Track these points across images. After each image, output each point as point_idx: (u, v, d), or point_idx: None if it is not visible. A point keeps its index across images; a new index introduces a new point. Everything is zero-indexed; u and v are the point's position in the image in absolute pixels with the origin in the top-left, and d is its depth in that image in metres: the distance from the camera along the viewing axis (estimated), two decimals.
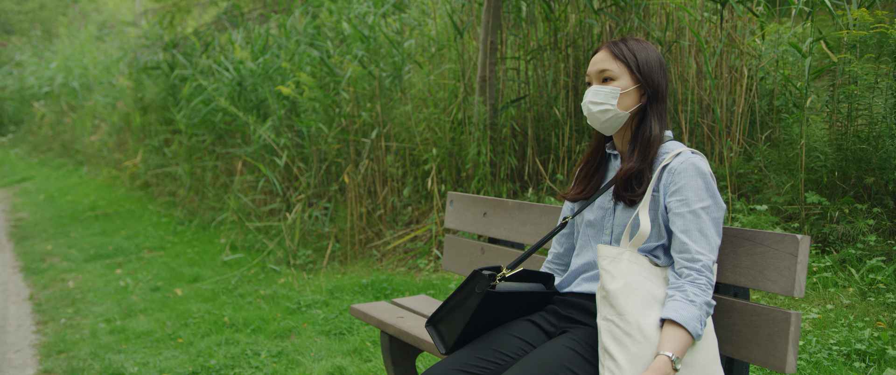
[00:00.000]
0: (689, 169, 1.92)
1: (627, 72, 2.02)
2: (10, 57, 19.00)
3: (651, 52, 2.05)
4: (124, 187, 10.14)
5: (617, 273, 1.87)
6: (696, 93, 4.64)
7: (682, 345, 1.76)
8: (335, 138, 5.98)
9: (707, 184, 1.90)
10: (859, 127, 4.02)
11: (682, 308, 1.79)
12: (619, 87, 2.00)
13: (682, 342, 1.76)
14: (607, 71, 2.02)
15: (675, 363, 1.74)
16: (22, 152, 16.28)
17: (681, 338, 1.76)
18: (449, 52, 5.73)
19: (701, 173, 1.91)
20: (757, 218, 3.95)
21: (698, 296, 1.80)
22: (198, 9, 10.73)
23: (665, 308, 1.81)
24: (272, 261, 5.77)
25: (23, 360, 4.02)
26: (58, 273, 6.00)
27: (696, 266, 1.83)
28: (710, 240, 1.86)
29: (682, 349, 1.76)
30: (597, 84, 2.04)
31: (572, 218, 2.20)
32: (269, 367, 3.63)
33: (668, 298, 1.83)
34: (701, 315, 1.79)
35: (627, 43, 2.05)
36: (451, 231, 4.72)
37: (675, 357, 1.75)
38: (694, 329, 1.77)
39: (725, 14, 4.56)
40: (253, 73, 6.84)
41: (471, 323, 2.01)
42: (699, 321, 1.78)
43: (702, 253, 1.84)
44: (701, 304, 1.79)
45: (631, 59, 2.02)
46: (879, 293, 3.42)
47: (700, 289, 1.81)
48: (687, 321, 1.77)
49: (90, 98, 12.57)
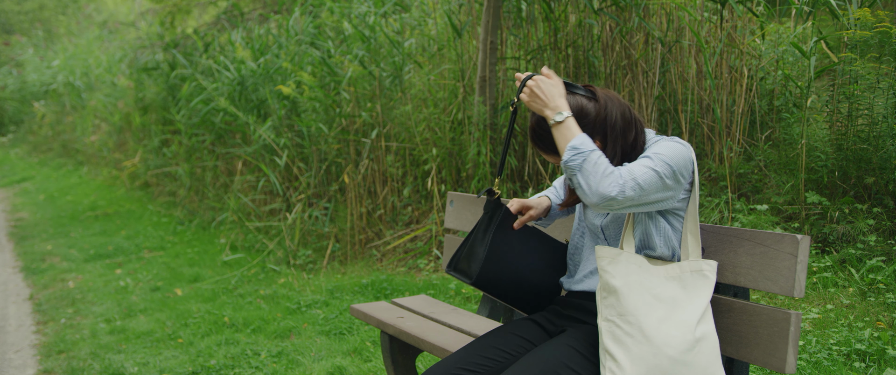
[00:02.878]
0: (664, 141, 1.93)
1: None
2: (11, 57, 19.00)
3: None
4: (124, 187, 10.14)
5: (616, 272, 1.87)
6: (696, 93, 4.64)
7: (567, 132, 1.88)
8: (335, 138, 5.98)
9: (673, 148, 1.89)
10: (860, 127, 4.02)
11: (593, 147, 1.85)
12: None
13: (569, 130, 1.88)
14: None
15: (556, 115, 1.90)
16: (22, 152, 16.28)
17: (572, 129, 1.88)
18: (449, 52, 5.73)
19: (675, 143, 1.91)
20: (757, 218, 3.95)
21: (606, 178, 1.80)
22: (198, 9, 10.73)
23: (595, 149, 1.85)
24: (272, 261, 5.77)
25: (23, 360, 4.02)
26: (58, 273, 6.00)
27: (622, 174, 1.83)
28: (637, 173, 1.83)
29: (564, 132, 1.88)
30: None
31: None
32: (269, 367, 3.63)
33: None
34: (584, 163, 1.82)
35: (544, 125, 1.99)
36: (451, 231, 4.73)
37: (561, 113, 1.89)
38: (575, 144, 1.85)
39: (725, 14, 4.56)
40: (253, 73, 6.84)
41: (492, 248, 2.05)
42: (583, 157, 1.82)
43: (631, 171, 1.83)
44: (597, 173, 1.80)
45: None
46: (879, 293, 3.42)
47: (613, 181, 1.80)
48: (583, 143, 1.84)
49: (92, 97, 12.57)
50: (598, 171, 1.81)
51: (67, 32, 17.18)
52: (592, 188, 1.80)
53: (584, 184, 1.81)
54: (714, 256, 1.99)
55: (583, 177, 1.82)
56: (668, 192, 1.86)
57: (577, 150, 1.84)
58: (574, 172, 1.83)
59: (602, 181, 1.80)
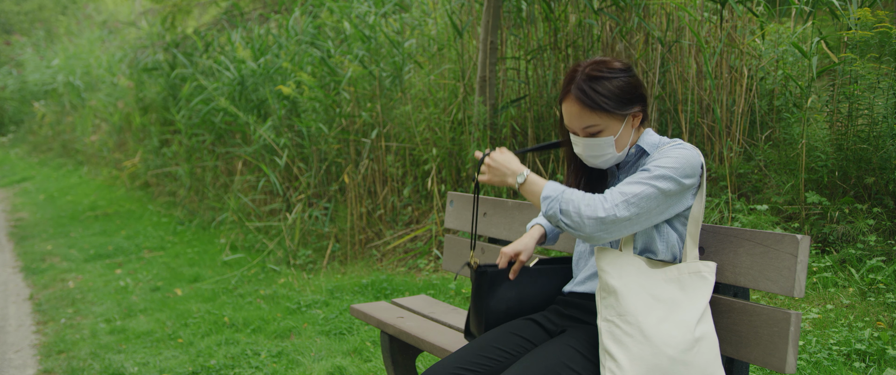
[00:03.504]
0: (670, 146, 1.92)
1: (610, 118, 1.93)
2: (11, 57, 19.01)
3: (617, 77, 1.92)
4: (124, 187, 10.14)
5: (616, 273, 1.87)
6: (696, 93, 4.64)
7: (533, 187, 1.90)
8: (335, 138, 5.98)
9: (679, 157, 1.88)
10: (860, 127, 4.02)
11: (563, 188, 1.87)
12: (611, 136, 1.94)
13: (535, 185, 1.90)
14: (591, 126, 1.94)
15: (518, 177, 1.92)
16: (22, 152, 16.28)
17: (537, 183, 1.90)
18: (449, 52, 5.73)
19: (683, 150, 1.89)
20: (757, 218, 3.95)
21: (589, 202, 1.82)
22: (198, 9, 10.73)
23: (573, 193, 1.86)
24: (272, 261, 5.77)
25: (23, 360, 4.02)
26: (58, 273, 6.00)
27: (610, 194, 1.83)
28: (628, 190, 1.83)
29: (531, 188, 1.91)
30: (584, 137, 1.96)
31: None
32: (269, 367, 3.63)
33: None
34: (561, 204, 1.83)
35: (593, 84, 1.91)
36: (451, 231, 4.72)
37: (521, 173, 1.92)
38: (546, 194, 1.86)
39: (725, 14, 4.56)
40: (254, 73, 6.84)
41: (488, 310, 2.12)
42: (557, 201, 1.84)
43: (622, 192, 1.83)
44: (576, 203, 1.82)
45: (607, 104, 1.90)
46: (879, 293, 3.42)
47: (592, 203, 1.81)
48: (552, 189, 1.87)
49: (93, 97, 12.58)
50: (578, 201, 1.82)
51: (67, 32, 17.17)
52: (582, 218, 1.80)
53: (573, 222, 1.82)
54: (714, 256, 1.99)
55: (567, 216, 1.82)
56: (671, 199, 1.86)
57: (550, 198, 1.86)
58: (558, 218, 1.84)
59: (586, 208, 1.81)
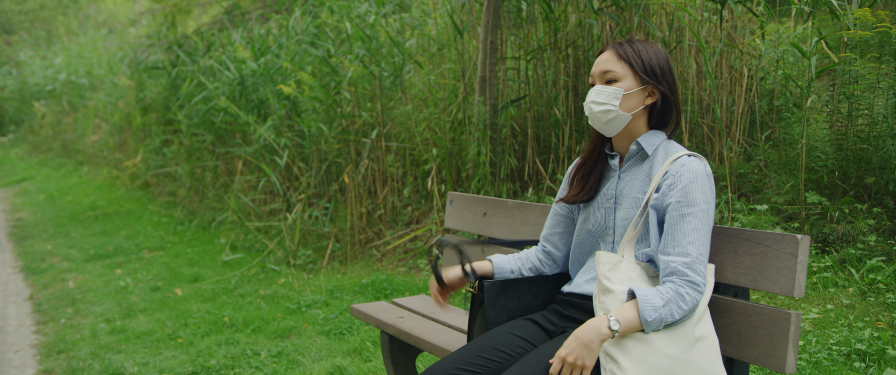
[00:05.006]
0: (692, 170, 1.89)
1: (632, 74, 1.99)
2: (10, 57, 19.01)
3: (658, 53, 2.02)
4: (124, 187, 10.14)
5: (616, 279, 1.87)
6: (696, 93, 4.64)
7: (629, 321, 1.76)
8: (335, 138, 5.98)
9: (706, 187, 1.89)
10: (860, 127, 4.02)
11: (654, 296, 1.78)
12: (622, 89, 1.98)
13: (631, 319, 1.77)
14: (611, 72, 1.99)
15: (611, 324, 1.75)
16: (22, 152, 16.28)
17: (632, 315, 1.77)
18: (449, 52, 5.73)
19: (703, 175, 1.90)
20: (757, 218, 3.95)
21: (680, 302, 1.79)
22: (198, 9, 10.73)
23: (644, 287, 1.81)
24: (272, 261, 5.77)
25: (23, 360, 4.02)
26: (58, 273, 6.00)
27: (689, 265, 1.82)
28: (704, 240, 1.85)
29: (627, 323, 1.76)
30: (600, 84, 2.02)
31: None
32: (269, 367, 3.63)
33: (657, 283, 1.87)
34: (665, 318, 1.78)
35: (633, 44, 2.01)
36: (451, 231, 4.73)
37: (614, 319, 1.75)
38: (646, 318, 1.76)
39: (725, 14, 4.56)
40: (254, 73, 6.84)
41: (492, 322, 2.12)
42: (659, 319, 1.77)
43: (696, 255, 1.83)
44: (674, 309, 1.78)
45: (636, 61, 1.98)
46: (879, 293, 3.42)
47: (687, 295, 1.79)
48: (646, 309, 1.76)
49: (93, 97, 12.58)
50: (675, 306, 1.79)
51: (68, 32, 17.17)
52: (691, 308, 1.80)
53: (687, 314, 1.81)
54: (714, 256, 1.99)
55: (682, 315, 1.80)
56: (710, 224, 1.89)
57: (654, 322, 1.78)
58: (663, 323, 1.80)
59: (687, 300, 1.80)
